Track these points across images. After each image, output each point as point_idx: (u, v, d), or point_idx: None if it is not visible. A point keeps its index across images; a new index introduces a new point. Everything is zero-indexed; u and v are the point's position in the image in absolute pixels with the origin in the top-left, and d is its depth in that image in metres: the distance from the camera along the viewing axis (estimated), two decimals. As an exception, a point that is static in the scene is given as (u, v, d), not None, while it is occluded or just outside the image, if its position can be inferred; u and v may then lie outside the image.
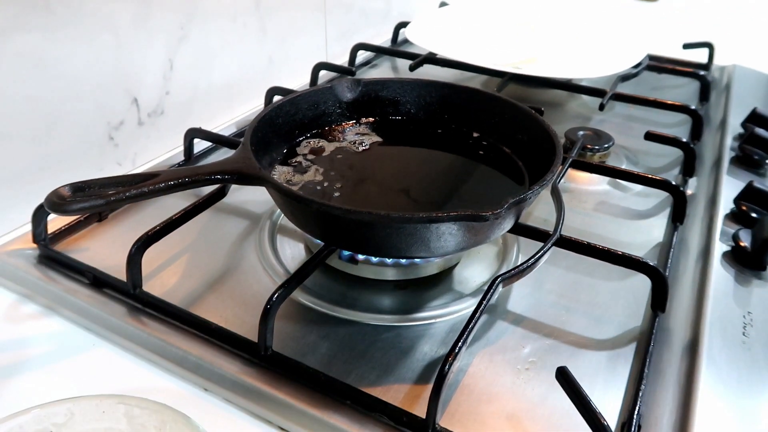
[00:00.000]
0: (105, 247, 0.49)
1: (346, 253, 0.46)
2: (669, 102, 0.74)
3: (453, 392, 0.38)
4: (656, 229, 0.55)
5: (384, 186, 0.50)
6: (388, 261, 0.46)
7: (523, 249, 0.50)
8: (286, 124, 0.53)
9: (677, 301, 0.46)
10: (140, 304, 0.43)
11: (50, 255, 0.47)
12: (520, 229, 0.48)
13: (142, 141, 0.62)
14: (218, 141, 0.61)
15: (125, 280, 0.43)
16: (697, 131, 0.71)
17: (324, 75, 0.81)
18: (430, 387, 0.35)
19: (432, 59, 0.83)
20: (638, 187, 0.60)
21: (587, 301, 0.46)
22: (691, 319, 0.44)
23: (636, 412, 0.36)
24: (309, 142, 0.54)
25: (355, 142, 0.55)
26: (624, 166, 0.63)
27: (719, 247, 0.51)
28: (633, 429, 0.35)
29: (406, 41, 0.97)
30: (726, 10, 1.26)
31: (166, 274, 0.47)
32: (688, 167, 0.64)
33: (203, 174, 0.42)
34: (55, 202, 0.37)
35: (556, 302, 0.46)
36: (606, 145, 0.66)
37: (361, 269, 0.46)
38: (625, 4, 1.27)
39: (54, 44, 0.51)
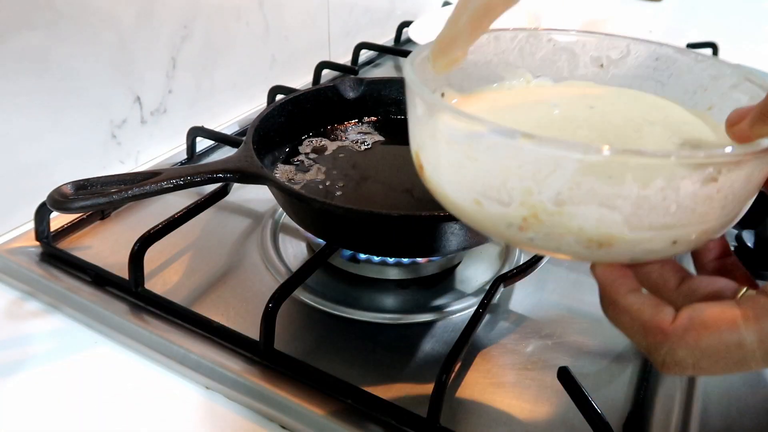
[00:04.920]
0: (107, 245, 0.50)
1: (348, 252, 0.46)
2: (672, 102, 0.73)
3: (454, 392, 0.38)
4: (659, 229, 0.55)
5: (386, 185, 0.50)
6: (390, 260, 0.45)
7: (526, 249, 0.50)
8: (289, 123, 0.53)
9: (680, 302, 0.46)
10: (142, 302, 0.43)
11: (53, 253, 0.47)
12: (523, 229, 0.48)
13: (144, 139, 0.62)
14: (220, 139, 0.61)
15: (127, 278, 0.43)
16: (700, 131, 0.71)
17: (327, 74, 0.81)
18: (431, 386, 0.35)
19: (435, 58, 0.82)
20: (641, 187, 0.60)
21: (589, 301, 0.46)
22: (693, 320, 0.44)
23: (638, 413, 0.36)
24: (311, 141, 0.54)
25: (357, 141, 0.55)
26: (627, 166, 0.63)
27: (722, 248, 0.51)
28: (634, 429, 0.35)
29: (409, 40, 0.97)
30: (730, 10, 1.25)
31: (168, 273, 0.47)
32: (692, 167, 0.64)
33: (205, 172, 0.42)
34: (58, 200, 0.37)
35: (558, 302, 0.46)
36: (609, 145, 0.65)
37: (363, 268, 0.46)
38: (628, 3, 1.27)
39: (57, 42, 0.51)
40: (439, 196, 0.27)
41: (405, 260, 0.46)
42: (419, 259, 0.46)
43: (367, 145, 0.55)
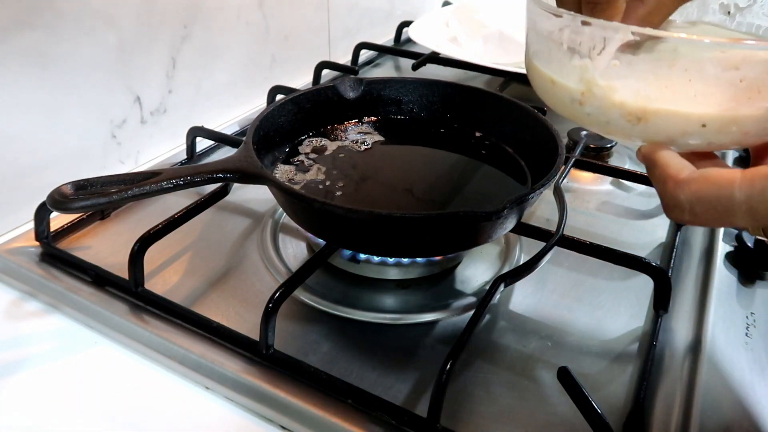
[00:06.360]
0: (107, 245, 0.50)
1: (348, 252, 0.46)
2: (672, 102, 0.73)
3: (455, 392, 0.38)
4: (659, 229, 0.55)
5: (386, 185, 0.50)
6: (390, 260, 0.45)
7: (526, 248, 0.50)
8: (289, 122, 0.53)
9: (680, 302, 0.46)
10: (142, 303, 0.43)
11: (52, 253, 0.47)
12: (523, 229, 0.48)
13: (144, 139, 0.63)
14: (220, 140, 0.61)
15: (127, 278, 0.43)
16: (700, 131, 0.71)
17: (327, 74, 0.81)
18: (431, 386, 0.35)
19: (435, 58, 0.83)
20: (641, 187, 0.60)
21: (589, 301, 0.46)
22: (693, 320, 0.44)
23: (638, 413, 0.36)
24: (311, 141, 0.54)
25: (357, 141, 0.55)
26: (627, 166, 0.63)
27: (722, 248, 0.51)
28: (635, 429, 0.35)
29: (409, 40, 0.97)
30: (730, 10, 1.25)
31: (168, 273, 0.47)
32: (692, 167, 0.64)
33: (205, 172, 0.42)
34: (58, 200, 0.37)
35: (558, 302, 0.46)
36: (609, 145, 0.66)
37: (362, 268, 0.46)
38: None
39: (57, 42, 0.51)
40: (531, 78, 0.34)
41: (405, 260, 0.46)
42: (419, 259, 0.46)
43: (367, 145, 0.55)
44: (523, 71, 0.38)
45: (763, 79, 0.26)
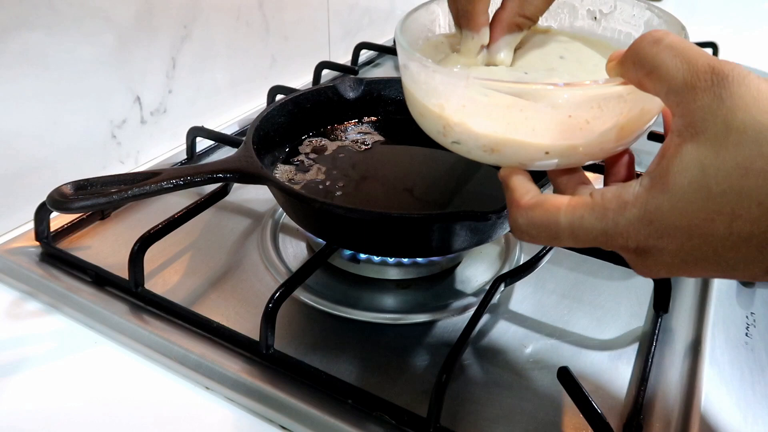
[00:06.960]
0: (107, 245, 0.50)
1: (348, 252, 0.46)
2: (672, 102, 0.73)
3: (454, 392, 0.38)
4: (659, 229, 0.55)
5: (386, 185, 0.50)
6: (390, 260, 0.45)
7: (526, 249, 0.50)
8: (288, 123, 0.53)
9: (680, 302, 0.46)
10: (142, 303, 0.43)
11: (52, 253, 0.47)
12: (523, 229, 0.48)
13: (144, 139, 0.62)
14: (220, 140, 0.61)
15: (127, 278, 0.44)
16: (700, 131, 0.71)
17: (327, 74, 0.81)
18: (431, 386, 0.35)
19: (435, 58, 0.82)
20: (641, 187, 0.60)
21: (589, 301, 0.46)
22: (693, 320, 0.44)
23: (638, 413, 0.36)
24: (311, 141, 0.54)
25: (357, 141, 0.55)
26: (627, 166, 0.63)
27: (722, 248, 0.51)
28: (634, 429, 0.35)
29: (409, 40, 0.96)
30: (730, 10, 1.25)
31: (168, 273, 0.47)
32: (692, 167, 0.64)
33: (205, 172, 0.42)
34: (58, 200, 0.37)
35: (559, 302, 0.46)
36: (609, 145, 0.65)
37: (363, 268, 0.46)
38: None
39: (57, 42, 0.51)
40: (411, 111, 0.37)
41: (405, 260, 0.46)
42: (419, 259, 0.46)
43: (367, 145, 0.55)
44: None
45: (587, 112, 0.29)
